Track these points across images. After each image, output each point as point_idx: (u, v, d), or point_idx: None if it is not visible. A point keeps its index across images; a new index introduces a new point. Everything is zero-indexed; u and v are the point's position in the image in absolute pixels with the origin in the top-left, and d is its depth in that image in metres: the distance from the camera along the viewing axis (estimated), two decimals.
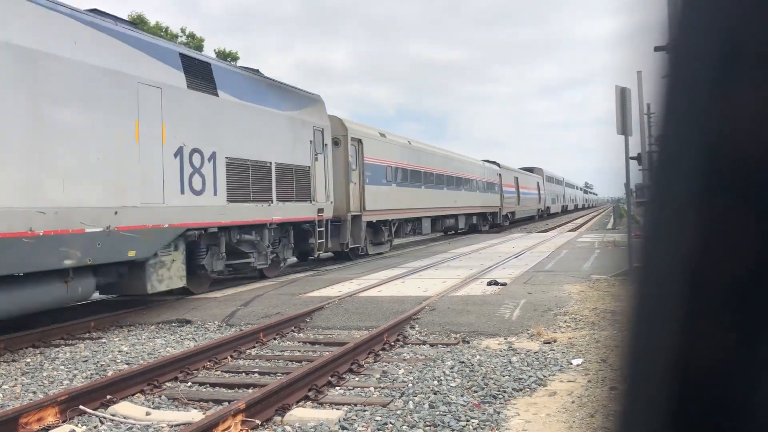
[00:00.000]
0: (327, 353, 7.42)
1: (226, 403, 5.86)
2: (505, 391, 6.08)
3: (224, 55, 35.26)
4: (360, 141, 19.68)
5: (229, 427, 5.10)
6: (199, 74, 12.25)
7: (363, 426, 5.30)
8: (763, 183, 0.46)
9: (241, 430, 5.17)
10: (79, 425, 5.59)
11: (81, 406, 5.87)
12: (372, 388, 6.43)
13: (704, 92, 0.50)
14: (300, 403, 5.99)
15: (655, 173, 0.54)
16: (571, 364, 6.99)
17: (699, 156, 0.50)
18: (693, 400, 0.48)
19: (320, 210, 16.33)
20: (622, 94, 12.56)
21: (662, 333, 0.51)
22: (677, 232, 0.51)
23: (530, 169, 62.37)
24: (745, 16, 0.48)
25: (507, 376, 6.57)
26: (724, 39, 0.49)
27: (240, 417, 5.25)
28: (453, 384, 6.38)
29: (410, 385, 6.41)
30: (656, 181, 0.54)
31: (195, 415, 5.70)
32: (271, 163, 14.30)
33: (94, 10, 10.53)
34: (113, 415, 5.81)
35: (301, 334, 9.35)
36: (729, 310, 0.47)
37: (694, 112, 0.51)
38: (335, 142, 18.10)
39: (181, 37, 34.41)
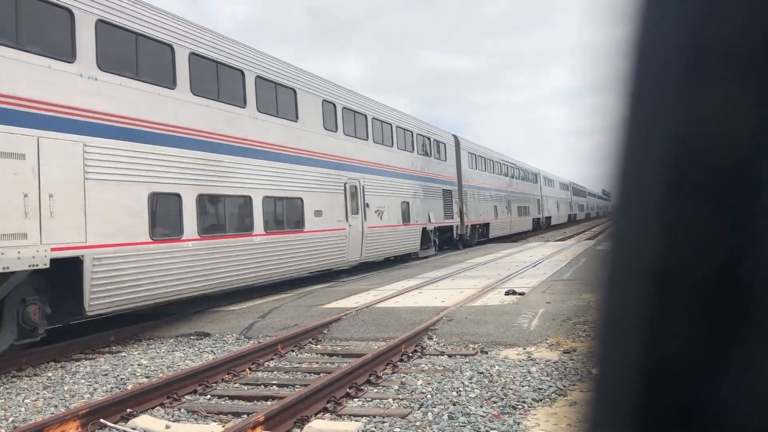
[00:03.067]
0: (345, 365, 7.41)
1: (245, 416, 5.87)
2: (524, 402, 6.03)
3: None
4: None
5: None
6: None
7: None
8: (729, 183, 0.47)
9: None
10: None
11: (102, 420, 5.91)
12: (390, 400, 6.40)
13: (670, 94, 0.50)
14: (318, 415, 5.98)
15: (621, 175, 0.54)
16: (592, 373, 6.90)
17: (666, 157, 0.50)
18: (661, 398, 0.49)
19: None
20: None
21: (631, 333, 0.52)
22: (645, 233, 0.51)
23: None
24: (710, 16, 0.48)
25: (526, 386, 6.52)
26: (690, 40, 0.49)
27: (259, 429, 5.25)
28: (472, 395, 6.33)
29: (429, 396, 6.37)
30: (623, 183, 0.54)
31: (214, 428, 5.71)
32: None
33: None
34: (134, 428, 5.84)
35: (318, 346, 9.35)
36: (696, 309, 0.47)
37: (660, 113, 0.51)
38: None
39: None
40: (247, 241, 13.03)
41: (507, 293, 12.31)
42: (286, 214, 14.75)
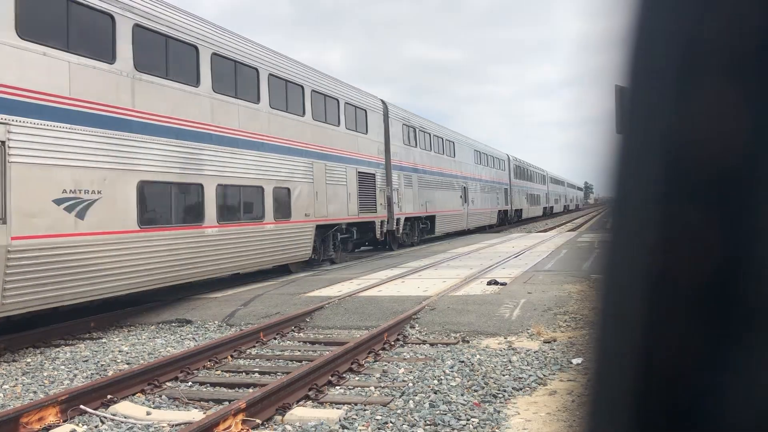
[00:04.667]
0: (327, 353, 7.43)
1: (227, 403, 5.87)
2: (505, 390, 6.09)
3: None
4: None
5: (229, 427, 5.11)
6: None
7: (363, 425, 5.30)
8: (724, 186, 0.47)
9: (241, 429, 5.18)
10: (80, 425, 5.59)
11: (81, 406, 5.88)
12: (372, 388, 6.44)
13: (665, 97, 0.51)
14: (300, 403, 6.00)
15: (617, 178, 0.54)
16: (572, 363, 6.99)
17: (661, 160, 0.50)
18: (657, 400, 0.49)
19: None
20: (621, 94, 12.57)
21: (627, 335, 0.52)
22: (640, 236, 0.52)
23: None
24: (705, 21, 0.48)
25: (507, 376, 6.58)
26: (684, 44, 0.49)
27: (240, 416, 5.26)
28: (453, 383, 6.38)
29: (410, 384, 6.41)
30: (619, 186, 0.55)
31: (195, 415, 5.70)
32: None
33: None
34: (114, 415, 5.81)
35: (301, 334, 9.35)
36: (692, 312, 0.48)
37: (655, 117, 0.51)
38: None
39: None
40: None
41: (489, 283, 12.39)
42: None
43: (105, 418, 5.76)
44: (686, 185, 0.49)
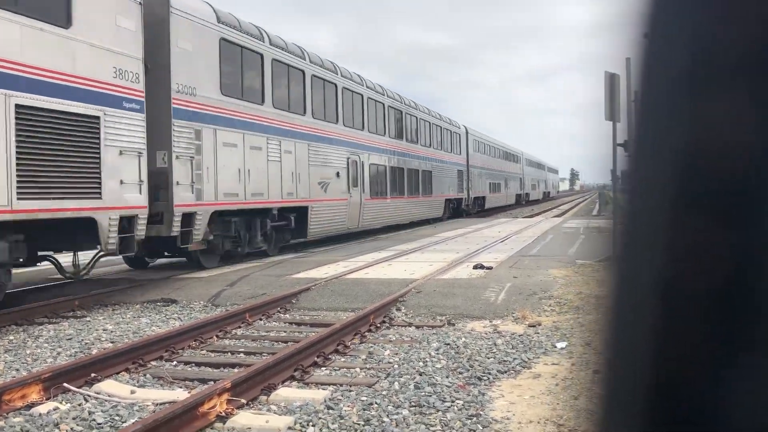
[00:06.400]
0: (313, 334, 7.43)
1: (212, 382, 5.85)
2: (489, 373, 6.13)
3: None
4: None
5: (214, 406, 5.10)
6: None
7: (349, 406, 5.32)
8: (737, 192, 0.47)
9: (226, 408, 5.17)
10: (63, 402, 5.56)
11: (65, 384, 5.84)
12: (358, 369, 6.45)
13: (678, 102, 0.50)
14: (286, 383, 6.00)
15: (631, 184, 0.54)
16: (556, 347, 7.05)
17: (674, 166, 0.50)
18: (669, 403, 0.49)
19: None
20: (611, 80, 12.58)
21: (639, 338, 0.52)
22: (651, 239, 0.51)
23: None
24: (716, 23, 0.48)
25: (492, 359, 6.62)
26: (695, 48, 0.49)
27: (226, 396, 5.25)
28: (438, 365, 6.41)
29: (396, 366, 6.43)
30: (632, 192, 0.54)
31: (180, 394, 5.69)
32: None
33: None
34: (98, 393, 5.78)
35: (287, 315, 9.35)
36: (702, 315, 0.48)
37: (667, 122, 0.51)
38: None
39: None
40: None
41: (475, 267, 12.43)
42: None
43: (89, 396, 5.73)
44: (698, 190, 0.48)
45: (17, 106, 8.50)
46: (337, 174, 18.70)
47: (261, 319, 9.00)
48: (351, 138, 19.96)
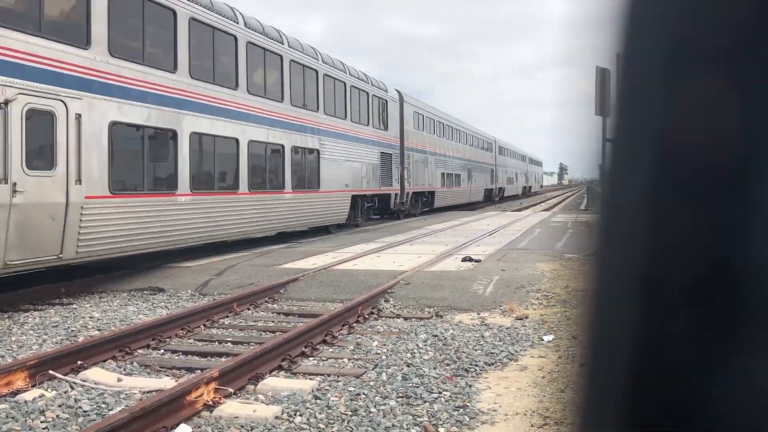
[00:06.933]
0: (301, 324, 7.43)
1: (199, 371, 5.84)
2: (477, 365, 6.16)
3: None
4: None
5: (201, 395, 5.09)
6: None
7: (336, 396, 5.33)
8: (714, 182, 0.47)
9: (214, 397, 5.17)
10: (49, 390, 5.53)
11: (51, 371, 5.81)
12: (346, 360, 6.46)
13: (655, 93, 0.50)
14: (273, 373, 6.00)
15: (608, 175, 0.54)
16: (543, 340, 7.10)
17: (651, 157, 0.50)
18: (652, 397, 0.50)
19: None
20: (602, 75, 12.61)
21: (621, 333, 0.52)
22: (631, 232, 0.51)
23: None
24: (693, 13, 0.47)
25: (479, 351, 6.65)
26: (672, 38, 0.49)
27: (213, 384, 5.24)
28: (426, 357, 6.44)
29: (384, 357, 6.45)
30: (610, 183, 0.54)
31: (167, 382, 5.67)
32: None
33: None
34: (84, 381, 5.76)
35: (275, 305, 9.34)
36: (683, 308, 0.48)
37: (645, 113, 0.51)
38: None
39: None
40: None
41: (463, 260, 12.47)
42: None
43: (75, 383, 5.70)
44: (678, 184, 0.48)
45: None
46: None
47: (249, 309, 8.98)
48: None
